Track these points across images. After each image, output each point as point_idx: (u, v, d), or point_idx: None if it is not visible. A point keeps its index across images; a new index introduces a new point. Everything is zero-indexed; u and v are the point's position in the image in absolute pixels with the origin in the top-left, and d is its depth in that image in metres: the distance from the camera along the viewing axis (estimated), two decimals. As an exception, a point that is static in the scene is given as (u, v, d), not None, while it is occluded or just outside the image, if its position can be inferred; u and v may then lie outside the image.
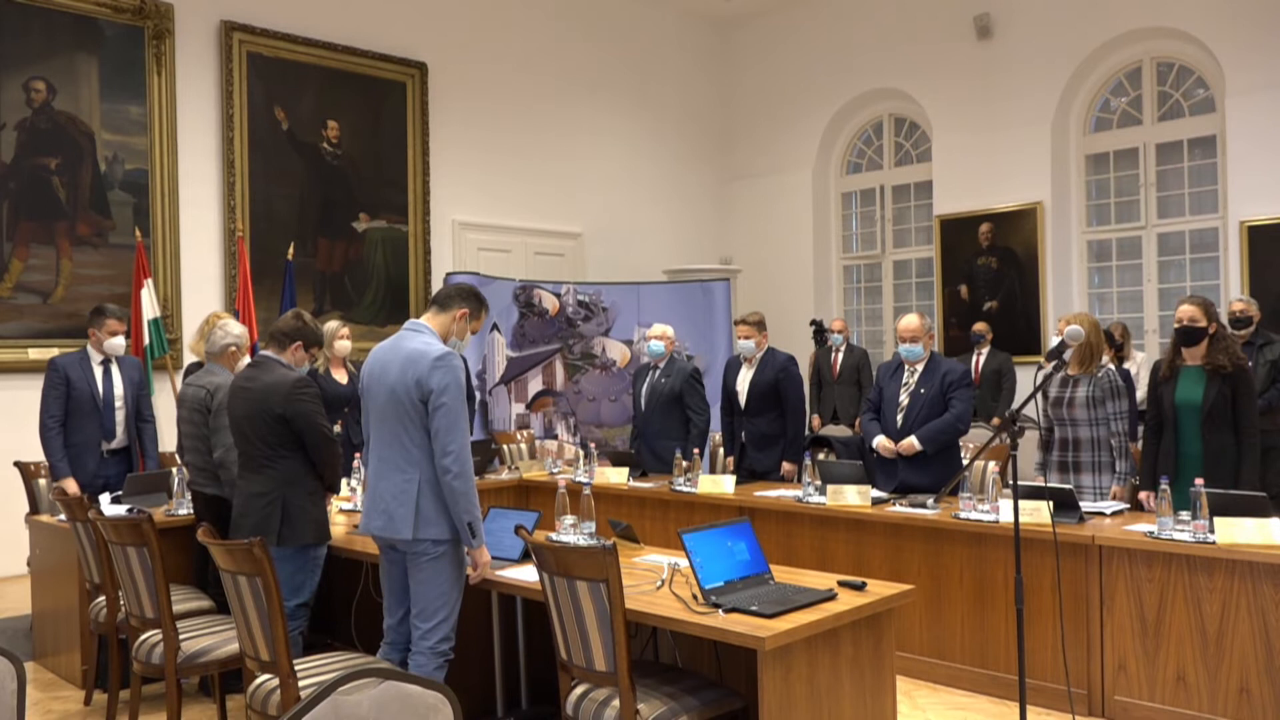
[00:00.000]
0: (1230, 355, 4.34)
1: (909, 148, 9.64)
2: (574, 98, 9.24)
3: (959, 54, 8.77)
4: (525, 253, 8.89)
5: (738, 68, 10.47)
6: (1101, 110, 8.41)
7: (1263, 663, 3.60)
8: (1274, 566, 3.58)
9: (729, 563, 3.15)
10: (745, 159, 10.41)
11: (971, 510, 4.37)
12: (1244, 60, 7.31)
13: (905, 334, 5.07)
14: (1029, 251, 8.40)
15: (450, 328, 3.50)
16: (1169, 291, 8.01)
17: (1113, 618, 3.95)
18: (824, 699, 2.91)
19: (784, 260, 10.03)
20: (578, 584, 2.91)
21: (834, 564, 4.58)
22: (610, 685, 2.90)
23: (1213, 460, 4.31)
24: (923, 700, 4.22)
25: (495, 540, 3.63)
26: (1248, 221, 7.31)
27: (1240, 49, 7.33)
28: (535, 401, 8.34)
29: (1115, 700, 3.94)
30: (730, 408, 5.90)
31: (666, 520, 5.32)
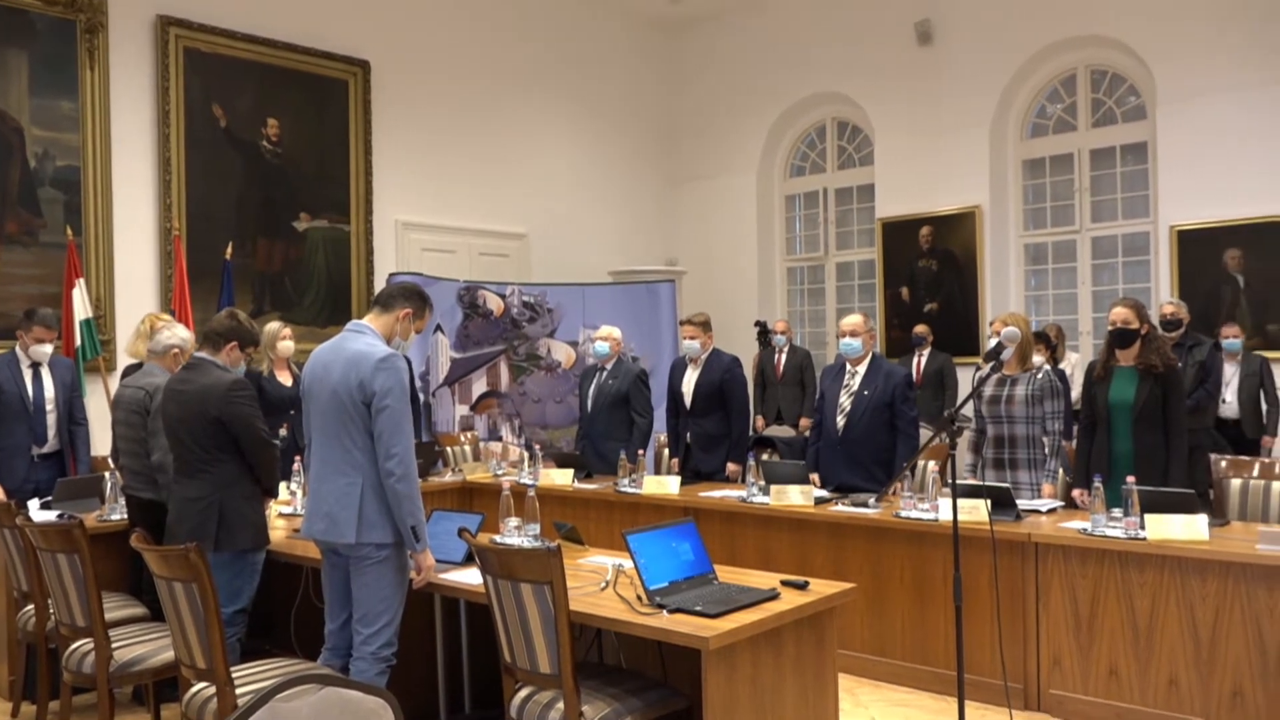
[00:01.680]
0: (1162, 356, 4.46)
1: (851, 151, 9.75)
2: (519, 98, 9.20)
3: (900, 59, 8.90)
4: (469, 253, 8.82)
5: (683, 70, 10.50)
6: (1038, 116, 8.59)
7: (1190, 655, 3.71)
8: (1201, 562, 3.69)
9: (673, 563, 3.16)
10: (690, 161, 10.46)
11: (912, 509, 4.44)
12: (1174, 69, 7.51)
13: (846, 327, 5.14)
14: (968, 254, 8.55)
15: (393, 328, 3.47)
16: (1102, 294, 8.20)
17: (1048, 613, 4.04)
18: (767, 698, 2.93)
19: (728, 262, 10.09)
20: (522, 586, 2.89)
21: (777, 563, 4.62)
22: (554, 687, 2.90)
23: (1144, 458, 4.42)
24: (865, 697, 4.27)
25: (439, 543, 3.60)
26: (1177, 226, 7.51)
27: (1171, 58, 7.53)
28: (479, 403, 8.28)
29: (1050, 694, 4.03)
30: (675, 409, 5.93)
31: (611, 521, 5.32)
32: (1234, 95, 7.23)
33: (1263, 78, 7.11)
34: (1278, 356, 6.91)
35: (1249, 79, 7.17)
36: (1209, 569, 3.68)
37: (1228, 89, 7.26)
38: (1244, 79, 7.19)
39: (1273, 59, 7.06)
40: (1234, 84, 7.23)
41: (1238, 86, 7.22)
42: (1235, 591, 3.62)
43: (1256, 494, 4.56)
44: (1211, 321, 7.00)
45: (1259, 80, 7.13)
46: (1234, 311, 7.20)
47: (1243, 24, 7.19)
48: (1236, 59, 7.21)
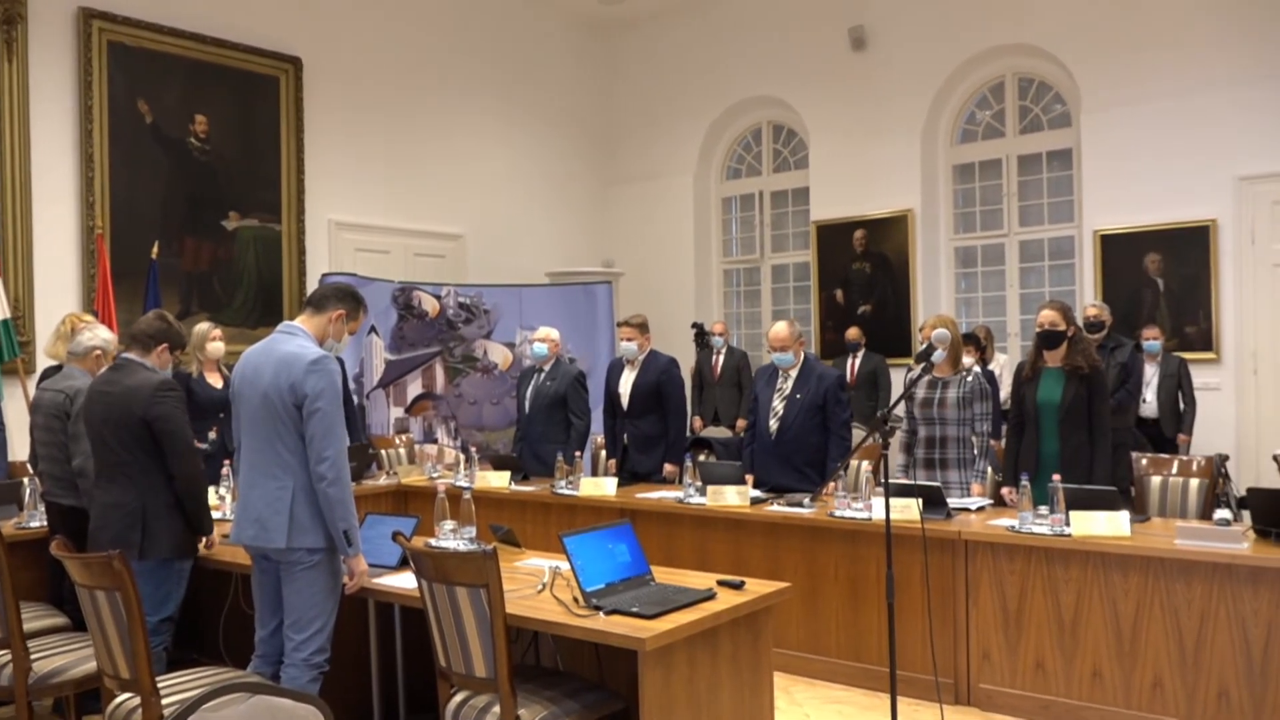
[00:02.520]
0: (1087, 357, 4.59)
1: (787, 155, 9.85)
2: (455, 97, 9.13)
3: (835, 64, 9.01)
4: (404, 254, 8.73)
5: (620, 72, 10.52)
6: (968, 122, 8.76)
7: (1113, 647, 3.81)
8: (1123, 557, 3.80)
9: (610, 565, 3.16)
10: (627, 163, 10.47)
11: (846, 508, 4.50)
12: (1098, 78, 7.73)
13: (775, 343, 5.19)
14: (900, 257, 8.69)
15: (326, 330, 3.42)
16: (1029, 296, 8.40)
17: (977, 609, 4.12)
18: (703, 697, 2.95)
19: (665, 263, 10.13)
20: (457, 590, 2.87)
21: (714, 564, 4.64)
22: (490, 691, 2.88)
23: (1069, 457, 4.54)
24: (800, 695, 4.32)
25: (372, 547, 3.55)
26: (1100, 231, 7.72)
27: (1094, 68, 7.74)
28: (415, 405, 8.20)
29: (980, 688, 4.11)
30: (613, 410, 5.93)
31: (548, 524, 5.30)
32: (1154, 105, 7.46)
33: (1180, 88, 7.35)
34: (1195, 358, 7.15)
35: (1168, 89, 7.40)
36: (1130, 564, 3.79)
37: (1148, 99, 7.49)
38: (1163, 89, 7.42)
39: (1190, 70, 7.30)
40: (1154, 94, 7.46)
41: (1158, 96, 7.45)
42: (1155, 585, 3.74)
43: (1175, 490, 4.72)
44: (1133, 323, 7.21)
45: (1177, 90, 7.36)
46: (1154, 314, 7.43)
47: (1163, 36, 7.42)
48: (1157, 70, 7.45)
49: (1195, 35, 7.29)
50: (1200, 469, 4.72)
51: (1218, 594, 3.61)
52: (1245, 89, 7.10)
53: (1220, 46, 7.19)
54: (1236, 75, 7.13)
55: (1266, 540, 3.70)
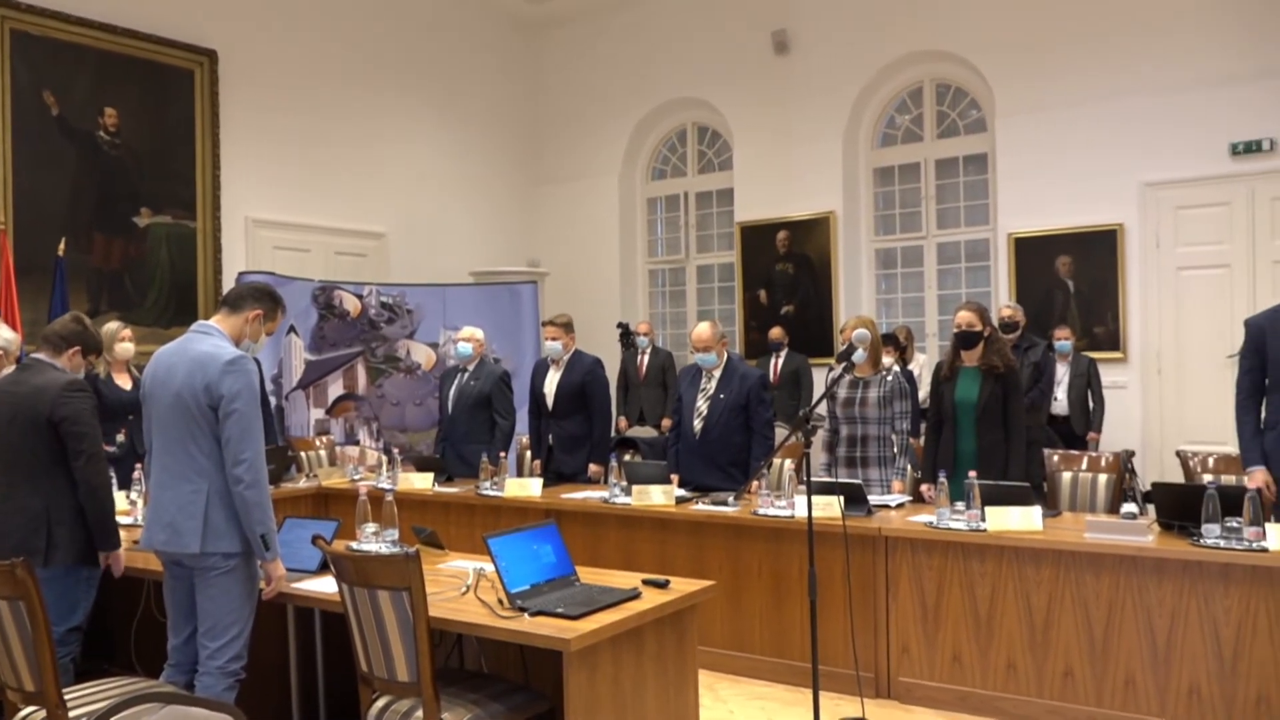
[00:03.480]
0: (1003, 357, 4.72)
1: (712, 156, 9.92)
2: (378, 93, 8.99)
3: (758, 67, 9.11)
4: (325, 252, 8.57)
5: (545, 71, 10.48)
6: (887, 126, 8.93)
7: (1026, 639, 3.92)
8: (1036, 551, 3.91)
9: (535, 565, 3.15)
10: (552, 162, 10.44)
11: (769, 507, 4.55)
12: (1011, 85, 7.95)
13: (698, 343, 5.23)
14: (823, 258, 8.82)
15: (242, 329, 3.34)
16: (947, 297, 8.59)
17: (897, 604, 4.20)
18: (629, 696, 2.95)
19: (591, 264, 10.12)
20: (379, 593, 2.83)
21: (639, 563, 4.66)
22: (413, 696, 2.85)
23: (985, 454, 4.65)
24: (724, 692, 4.35)
25: (291, 551, 3.48)
26: (1014, 234, 7.94)
27: (1008, 74, 7.96)
28: (335, 406, 8.06)
29: (899, 681, 4.19)
30: (537, 410, 5.91)
31: (473, 525, 5.26)
32: (1065, 111, 7.70)
33: (1090, 96, 7.59)
34: (1103, 357, 7.39)
35: (1078, 97, 7.65)
36: (1043, 557, 3.90)
37: (1059, 106, 7.72)
38: (1074, 97, 7.67)
39: (1098, 79, 7.55)
40: (1065, 101, 7.70)
41: (1068, 104, 7.69)
42: (1066, 578, 3.85)
43: (1085, 486, 4.87)
44: (1045, 324, 7.43)
45: (1087, 98, 7.61)
46: (1065, 315, 7.67)
47: (1074, 46, 7.66)
48: (1067, 78, 7.68)
49: (1104, 46, 7.54)
50: (1108, 465, 4.88)
51: (1125, 585, 3.74)
52: (1150, 98, 7.37)
53: (1127, 57, 7.45)
54: (1142, 85, 7.40)
55: (1170, 533, 3.84)
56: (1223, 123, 7.15)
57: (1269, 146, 7.02)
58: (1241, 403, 4.20)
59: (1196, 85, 7.22)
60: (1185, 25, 7.25)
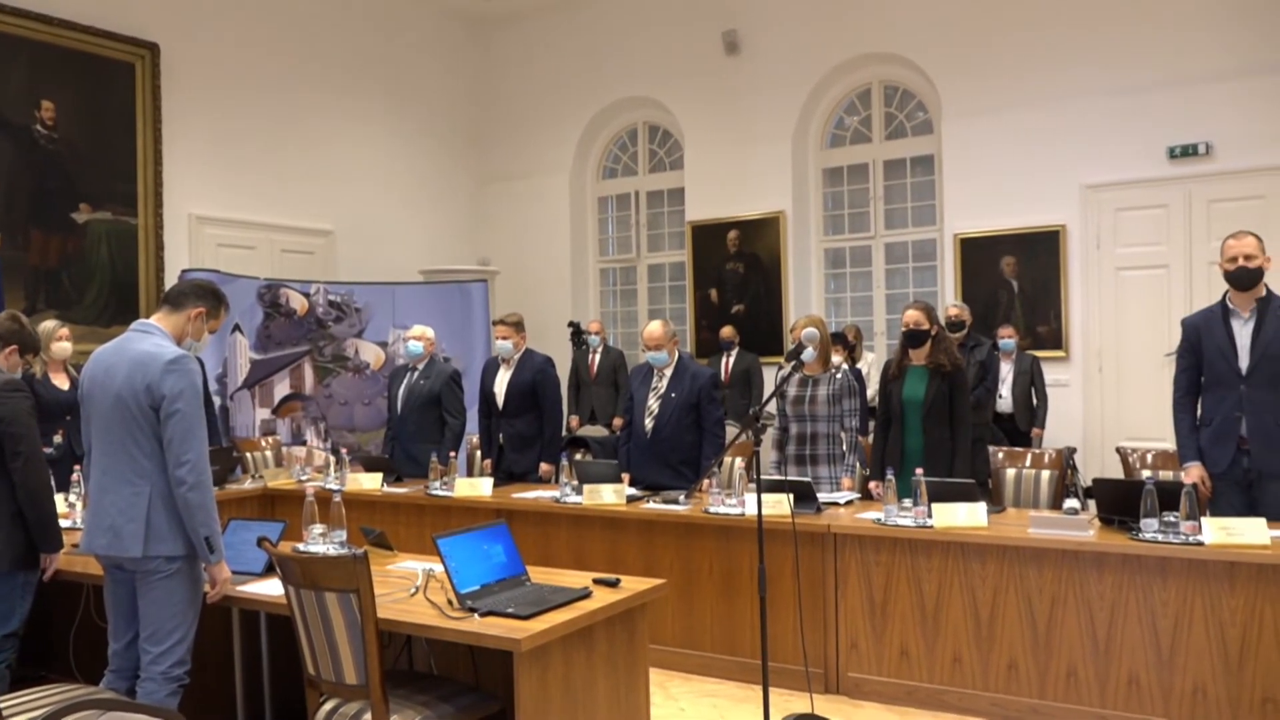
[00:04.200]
0: (950, 356, 4.78)
1: (662, 155, 9.94)
2: (325, 89, 8.87)
3: (709, 67, 9.14)
4: (271, 250, 8.44)
5: (496, 69, 10.42)
6: (836, 128, 9.02)
7: (972, 633, 3.99)
8: (981, 546, 3.97)
9: (485, 566, 3.13)
10: (503, 161, 10.39)
11: (720, 505, 4.57)
12: (957, 88, 8.07)
13: (649, 342, 5.24)
14: (772, 258, 8.87)
15: (185, 328, 3.28)
16: (895, 297, 8.70)
17: (846, 600, 4.25)
18: (579, 695, 2.95)
19: (542, 262, 10.09)
20: (326, 595, 2.80)
21: (591, 562, 4.65)
22: (362, 698, 2.82)
23: (932, 452, 4.72)
24: (675, 690, 4.37)
25: (236, 554, 3.43)
26: (960, 234, 8.06)
27: (954, 77, 8.08)
28: (282, 406, 7.94)
29: (848, 677, 4.24)
30: (488, 409, 5.88)
31: (422, 525, 5.22)
32: (1010, 114, 7.83)
33: (1034, 99, 7.73)
34: (1046, 356, 7.54)
35: (1022, 100, 7.78)
36: (988, 553, 3.96)
37: (1004, 109, 7.85)
38: (1018, 99, 7.80)
39: (1042, 82, 7.69)
40: (1010, 103, 7.83)
41: (1013, 106, 7.82)
42: (1010, 573, 3.92)
43: (1028, 482, 4.96)
44: (990, 323, 7.55)
45: (1031, 101, 7.75)
46: (1009, 314, 7.80)
47: (1019, 50, 7.79)
48: (1012, 82, 7.81)
49: (1047, 51, 7.68)
50: (1051, 461, 4.97)
51: (1066, 579, 3.82)
52: (1092, 101, 7.53)
53: (1069, 62, 7.60)
54: (1084, 89, 7.55)
55: (1110, 528, 3.93)
56: (1160, 126, 7.32)
57: (1205, 150, 7.20)
58: (1178, 400, 4.30)
59: (1135, 90, 7.38)
60: (1124, 31, 7.41)
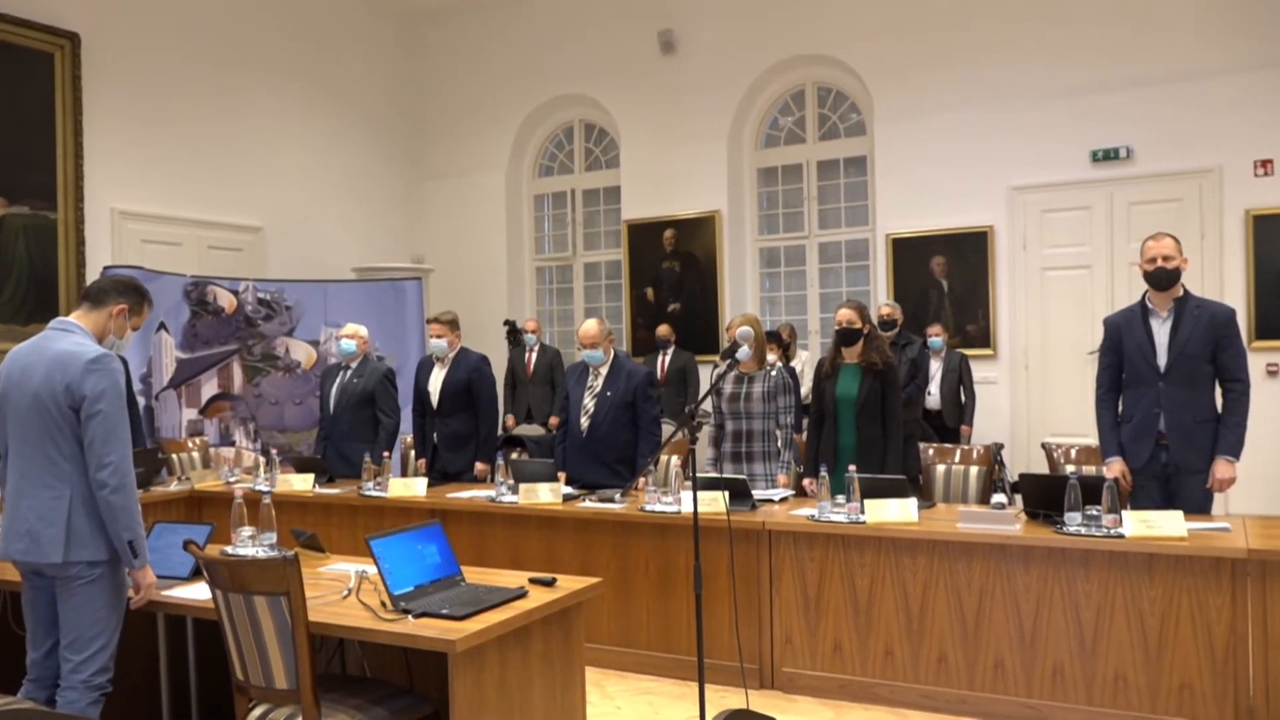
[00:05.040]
0: (882, 354, 4.86)
1: (599, 154, 9.93)
2: (255, 81, 8.69)
3: (645, 66, 9.15)
4: (197, 246, 8.24)
5: (431, 65, 10.31)
6: (771, 128, 9.09)
7: (903, 627, 4.05)
8: (912, 541, 4.04)
9: (419, 566, 3.09)
10: (438, 157, 10.28)
11: (656, 503, 4.58)
12: (889, 90, 8.19)
13: (585, 340, 5.24)
14: (708, 257, 8.92)
15: (106, 326, 3.18)
16: (828, 296, 8.81)
17: (780, 596, 4.29)
18: (515, 696, 2.93)
19: (477, 260, 10.01)
20: (255, 599, 2.74)
21: (527, 562, 4.63)
22: (292, 703, 2.77)
23: (865, 448, 4.79)
24: (612, 688, 4.37)
25: (161, 558, 3.35)
26: (892, 234, 8.19)
27: (886, 80, 8.20)
28: (210, 406, 7.76)
29: (783, 672, 4.28)
30: (422, 408, 5.82)
31: (355, 527, 5.15)
32: (940, 117, 7.98)
33: (963, 102, 7.88)
34: (974, 354, 7.70)
35: (952, 103, 7.93)
36: (918, 547, 4.03)
37: (934, 111, 7.99)
38: (948, 102, 7.95)
39: (971, 86, 7.84)
40: (940, 107, 7.98)
41: (943, 109, 7.97)
42: (940, 567, 4.00)
43: (957, 478, 5.06)
44: (920, 322, 7.69)
45: (960, 104, 7.90)
46: (939, 313, 7.95)
47: (949, 54, 7.94)
48: (943, 84, 7.96)
49: (976, 56, 7.84)
50: (979, 457, 5.07)
51: (994, 572, 3.90)
52: (1019, 105, 7.70)
53: (997, 67, 7.76)
54: (1011, 93, 7.72)
55: (1036, 522, 4.02)
56: (1084, 131, 7.52)
57: (1126, 154, 7.41)
58: (1100, 397, 4.42)
59: (1060, 95, 7.57)
60: (1050, 38, 7.60)
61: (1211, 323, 4.16)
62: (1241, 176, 7.11)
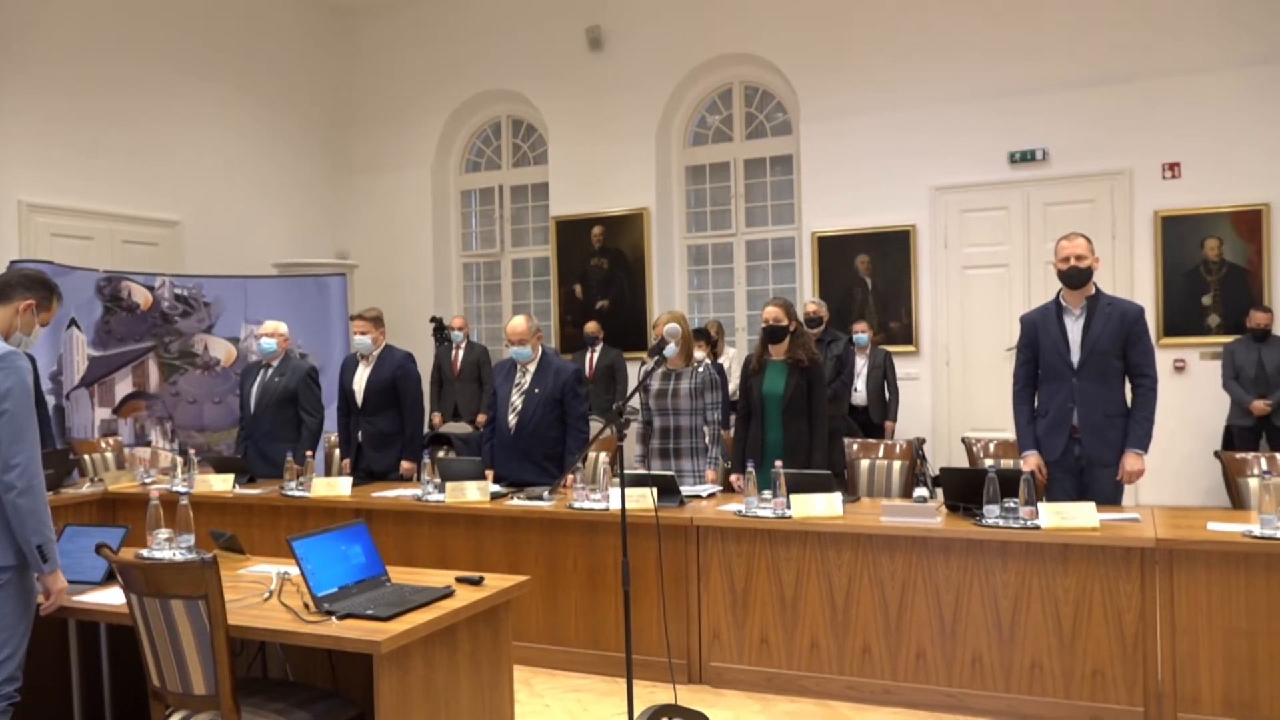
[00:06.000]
0: (808, 351, 4.92)
1: (526, 150, 9.87)
2: (174, 70, 8.45)
3: (573, 63, 9.13)
4: (111, 240, 7.99)
5: (357, 58, 10.14)
6: (699, 126, 9.14)
7: (828, 620, 4.11)
8: (837, 535, 4.10)
9: (343, 567, 3.04)
10: (363, 152, 10.12)
11: (584, 500, 4.57)
12: (814, 90, 8.30)
13: (513, 337, 5.21)
14: (636, 254, 8.94)
15: (12, 322, 3.07)
16: (756, 293, 8.89)
17: (708, 591, 4.32)
18: (442, 696, 2.91)
19: (403, 256, 9.89)
20: (172, 603, 2.67)
21: (454, 561, 4.59)
22: (211, 709, 2.70)
23: (791, 444, 4.84)
24: (540, 687, 4.35)
25: (73, 562, 3.24)
26: (817, 233, 8.30)
27: (812, 80, 8.31)
28: (124, 405, 7.54)
29: (710, 666, 4.31)
30: (346, 407, 5.73)
31: (277, 528, 5.04)
32: (864, 118, 8.11)
33: (886, 102, 8.03)
34: (898, 350, 7.85)
35: (876, 104, 8.07)
36: (843, 541, 4.09)
37: (858, 112, 8.12)
38: (872, 103, 8.08)
39: (895, 86, 7.99)
40: (864, 107, 8.11)
41: (867, 110, 8.10)
42: (864, 560, 4.06)
43: (881, 472, 5.15)
44: (846, 319, 7.81)
45: (884, 104, 8.04)
46: (864, 310, 8.08)
47: (873, 54, 8.07)
48: (867, 86, 8.09)
49: (899, 58, 7.99)
50: (902, 452, 5.17)
51: (916, 564, 3.98)
52: (940, 108, 7.87)
53: (920, 70, 7.92)
54: (933, 96, 7.89)
55: (956, 514, 4.11)
56: (1002, 133, 7.72)
57: (1042, 156, 7.62)
58: (1017, 393, 4.54)
59: (980, 97, 7.76)
60: (971, 42, 7.77)
61: (1122, 320, 4.30)
62: (1151, 179, 7.37)
